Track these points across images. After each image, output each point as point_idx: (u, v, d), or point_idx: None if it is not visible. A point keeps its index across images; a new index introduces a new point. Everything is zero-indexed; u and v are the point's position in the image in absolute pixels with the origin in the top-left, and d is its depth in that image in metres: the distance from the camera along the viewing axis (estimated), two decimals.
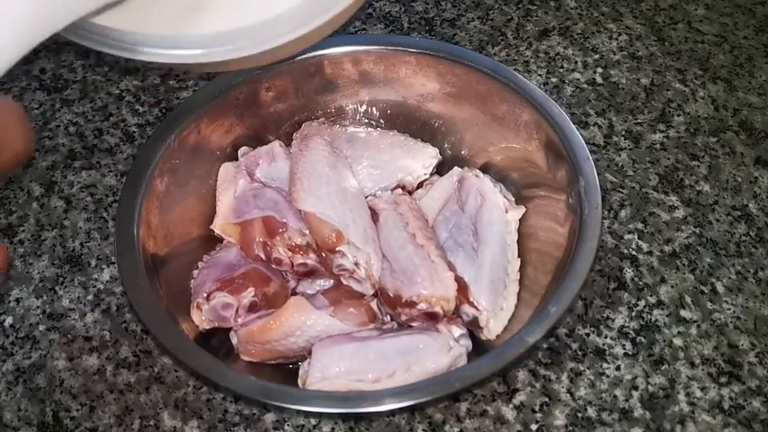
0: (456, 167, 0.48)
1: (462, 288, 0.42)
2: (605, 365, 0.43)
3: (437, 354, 0.39)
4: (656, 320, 0.45)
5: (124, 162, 0.53)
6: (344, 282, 0.43)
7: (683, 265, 0.47)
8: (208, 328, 0.42)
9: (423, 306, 0.40)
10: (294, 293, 0.45)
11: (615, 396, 0.42)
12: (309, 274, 0.44)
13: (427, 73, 0.49)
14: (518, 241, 0.45)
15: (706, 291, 0.46)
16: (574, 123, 0.44)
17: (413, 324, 0.41)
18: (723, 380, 0.43)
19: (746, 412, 0.41)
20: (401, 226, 0.44)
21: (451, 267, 0.43)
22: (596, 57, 0.59)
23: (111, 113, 0.56)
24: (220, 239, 0.46)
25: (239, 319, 0.42)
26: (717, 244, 0.48)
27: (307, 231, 0.44)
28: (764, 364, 0.43)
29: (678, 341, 0.44)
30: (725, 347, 0.44)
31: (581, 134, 0.44)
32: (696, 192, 0.51)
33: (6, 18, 0.22)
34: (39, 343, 0.45)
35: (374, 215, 0.45)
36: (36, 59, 0.60)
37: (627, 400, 0.42)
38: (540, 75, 0.58)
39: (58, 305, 0.46)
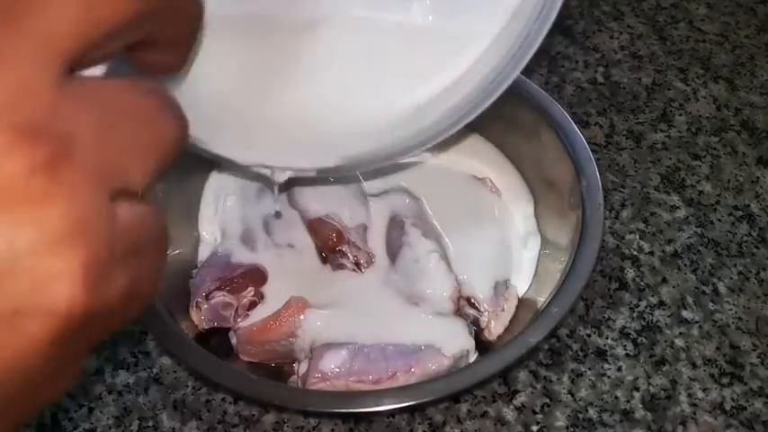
0: (463, 173, 0.48)
1: (462, 287, 0.42)
2: (606, 366, 0.43)
3: (438, 355, 0.39)
4: (658, 321, 0.45)
5: None
6: None
7: (685, 265, 0.47)
8: (207, 327, 0.42)
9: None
10: None
11: (616, 397, 0.42)
12: None
13: None
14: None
15: (707, 291, 0.46)
16: (575, 123, 0.44)
17: None
18: (725, 381, 0.42)
19: (748, 413, 0.41)
20: (402, 226, 0.43)
21: (453, 268, 0.42)
22: (597, 56, 0.59)
23: None
24: None
25: (239, 319, 0.42)
26: (718, 244, 0.48)
27: None
28: (766, 364, 0.43)
29: (679, 342, 0.44)
30: (726, 348, 0.44)
31: (582, 134, 0.44)
32: (698, 192, 0.51)
33: None
34: None
35: (375, 215, 0.45)
36: None
37: (628, 401, 0.42)
38: (540, 74, 0.57)
39: None
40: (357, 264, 0.42)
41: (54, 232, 0.13)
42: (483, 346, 0.42)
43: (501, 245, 0.44)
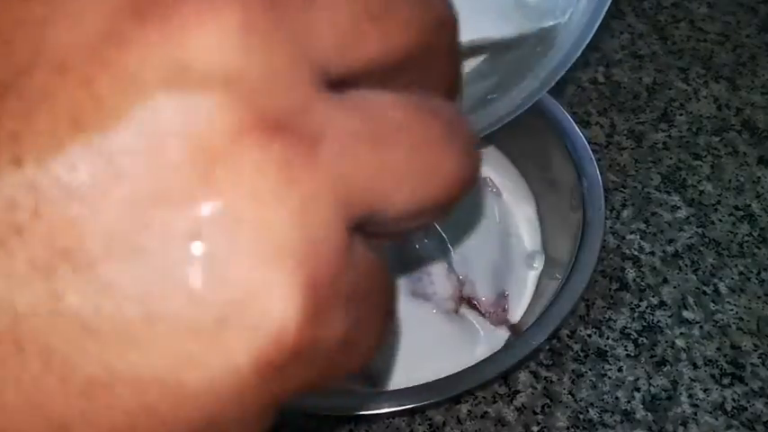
0: None
1: (464, 287, 0.42)
2: (607, 367, 0.43)
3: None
4: (659, 321, 0.45)
5: None
6: None
7: (686, 265, 0.47)
8: None
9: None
10: None
11: (617, 398, 0.42)
12: None
13: None
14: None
15: (708, 291, 0.46)
16: (576, 123, 0.44)
17: None
18: (726, 381, 0.42)
19: (749, 414, 0.41)
20: None
21: (453, 267, 0.42)
22: (598, 55, 0.59)
23: None
24: None
25: None
26: (719, 244, 0.48)
27: None
28: (767, 365, 0.43)
29: (680, 342, 0.44)
30: (727, 348, 0.44)
31: (583, 134, 0.44)
32: (699, 192, 0.51)
33: None
34: None
35: None
36: None
37: (629, 402, 0.42)
38: None
39: None
40: None
41: (279, 239, 0.11)
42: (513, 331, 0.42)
43: (502, 245, 0.44)
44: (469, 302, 0.42)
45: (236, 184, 0.11)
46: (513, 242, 0.45)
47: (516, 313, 0.42)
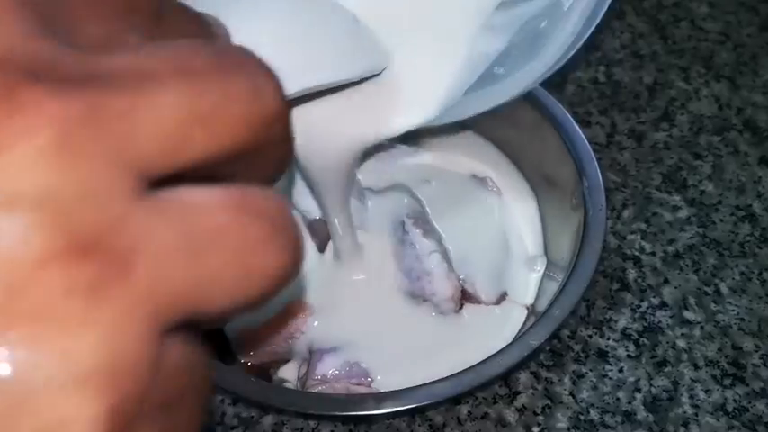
0: (464, 172, 0.48)
1: (464, 287, 0.42)
2: (608, 367, 0.43)
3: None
4: (660, 322, 0.44)
5: None
6: None
7: (687, 265, 0.47)
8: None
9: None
10: None
11: (618, 398, 0.42)
12: None
13: None
14: None
15: (710, 292, 0.46)
16: (576, 122, 0.44)
17: None
18: (727, 382, 0.42)
19: (750, 414, 0.41)
20: (402, 226, 0.43)
21: (453, 266, 0.42)
22: (599, 55, 0.59)
23: None
24: None
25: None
26: (720, 244, 0.48)
27: None
28: None
29: (681, 343, 0.44)
30: (729, 349, 0.43)
31: (584, 133, 0.43)
32: (699, 191, 0.50)
33: None
34: None
35: (376, 216, 0.45)
36: None
37: (630, 403, 0.41)
38: None
39: None
40: None
41: (81, 368, 0.11)
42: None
43: (502, 246, 0.44)
44: (470, 301, 0.42)
45: (40, 312, 0.11)
46: (513, 242, 0.44)
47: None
